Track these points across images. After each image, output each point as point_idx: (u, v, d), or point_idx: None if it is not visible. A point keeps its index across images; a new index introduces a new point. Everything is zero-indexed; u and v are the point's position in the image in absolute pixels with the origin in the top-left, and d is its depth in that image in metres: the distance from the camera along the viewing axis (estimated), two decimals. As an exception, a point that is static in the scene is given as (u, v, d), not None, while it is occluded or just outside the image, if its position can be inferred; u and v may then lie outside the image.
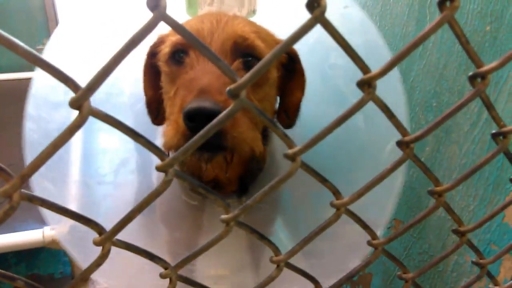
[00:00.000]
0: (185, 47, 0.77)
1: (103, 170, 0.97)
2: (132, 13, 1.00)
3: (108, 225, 0.41)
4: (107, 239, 0.39)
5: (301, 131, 0.98)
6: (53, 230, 1.41)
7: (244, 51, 0.78)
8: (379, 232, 0.86)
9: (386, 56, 0.86)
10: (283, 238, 1.00)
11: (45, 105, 0.84)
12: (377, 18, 1.17)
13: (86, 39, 0.92)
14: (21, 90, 0.79)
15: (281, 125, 0.96)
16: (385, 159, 0.86)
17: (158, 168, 0.37)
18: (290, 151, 0.40)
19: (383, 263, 1.25)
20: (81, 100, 0.31)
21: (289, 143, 0.41)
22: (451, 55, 0.93)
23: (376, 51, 0.88)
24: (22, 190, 0.34)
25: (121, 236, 0.40)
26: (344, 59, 0.38)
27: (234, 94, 0.35)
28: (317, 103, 1.02)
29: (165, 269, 0.46)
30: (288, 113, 0.94)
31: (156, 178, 1.08)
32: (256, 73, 0.35)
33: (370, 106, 0.40)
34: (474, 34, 0.86)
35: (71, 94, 0.32)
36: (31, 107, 0.81)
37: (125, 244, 0.42)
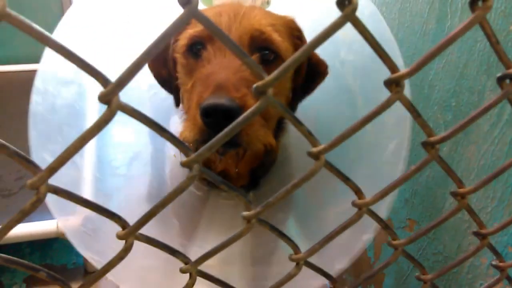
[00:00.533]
0: (203, 40, 0.77)
1: (116, 163, 0.98)
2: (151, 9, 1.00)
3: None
4: (131, 233, 0.39)
5: (313, 128, 0.98)
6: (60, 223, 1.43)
7: (261, 45, 0.78)
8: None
9: (395, 51, 0.85)
10: (294, 235, 1.00)
11: (54, 80, 0.84)
12: (396, 15, 1.15)
13: (96, 23, 0.92)
14: (28, 81, 0.80)
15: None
16: (386, 160, 0.85)
17: (183, 164, 0.37)
18: (314, 149, 0.40)
19: (396, 263, 1.24)
20: (110, 95, 0.31)
21: (313, 141, 0.40)
22: (472, 54, 0.92)
23: (385, 46, 0.87)
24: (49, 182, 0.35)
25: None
26: (354, 55, 0.37)
27: (261, 92, 0.35)
28: (329, 100, 1.02)
29: (185, 264, 0.46)
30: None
31: (169, 171, 1.09)
32: (283, 71, 0.35)
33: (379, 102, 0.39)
34: (497, 33, 0.84)
35: (81, 73, 0.32)
36: (39, 81, 0.81)
37: (147, 238, 0.42)
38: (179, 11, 0.30)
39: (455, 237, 1.02)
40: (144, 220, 0.39)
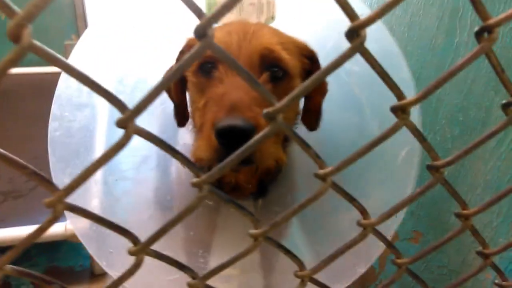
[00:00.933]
0: (213, 60, 0.79)
1: (124, 166, 0.99)
2: (160, 16, 1.02)
3: (128, 220, 0.42)
4: (142, 250, 0.40)
5: (318, 137, 0.99)
6: (71, 225, 1.45)
7: (270, 63, 0.80)
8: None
9: (401, 64, 0.87)
10: (299, 243, 1.01)
11: (69, 105, 0.87)
12: (405, 29, 1.16)
13: (114, 41, 0.95)
14: (45, 84, 0.83)
15: (306, 127, 0.97)
16: (399, 166, 0.87)
17: (194, 184, 0.38)
18: (321, 172, 0.41)
19: (400, 274, 1.24)
20: (127, 121, 0.32)
21: (321, 163, 0.42)
22: (480, 70, 0.92)
23: (391, 59, 0.90)
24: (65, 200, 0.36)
25: (139, 233, 0.41)
26: (360, 66, 0.39)
27: (271, 117, 0.36)
28: (334, 110, 1.03)
29: (193, 278, 0.47)
30: (311, 116, 0.94)
31: (175, 177, 1.10)
32: (292, 98, 0.36)
33: (386, 112, 0.41)
34: (504, 50, 0.86)
35: (94, 96, 0.34)
36: (56, 107, 0.84)
37: (157, 254, 0.44)
38: (187, 15, 0.31)
39: (460, 251, 1.02)
40: (155, 237, 0.40)
